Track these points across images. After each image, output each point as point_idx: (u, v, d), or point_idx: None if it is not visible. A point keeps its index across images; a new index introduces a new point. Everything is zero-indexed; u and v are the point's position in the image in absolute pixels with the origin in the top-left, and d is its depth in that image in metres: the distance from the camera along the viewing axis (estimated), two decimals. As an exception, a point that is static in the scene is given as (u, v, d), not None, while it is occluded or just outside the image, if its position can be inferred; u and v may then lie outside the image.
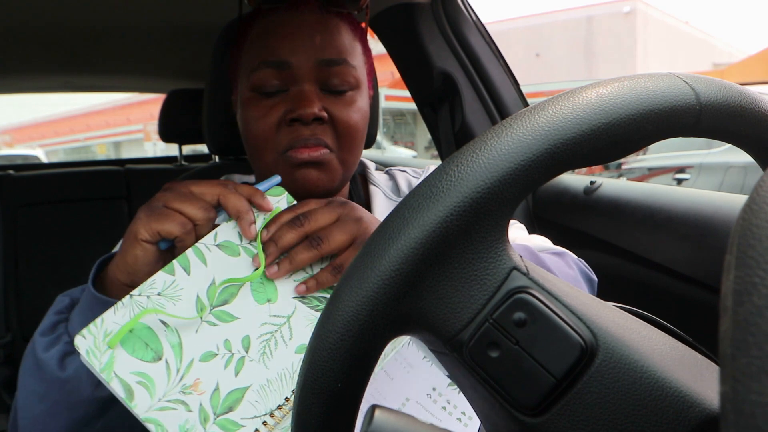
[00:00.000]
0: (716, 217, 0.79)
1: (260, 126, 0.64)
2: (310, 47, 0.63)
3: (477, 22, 1.21)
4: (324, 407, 0.30)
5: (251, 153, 0.67)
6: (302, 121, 0.62)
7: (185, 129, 1.86)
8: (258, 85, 0.64)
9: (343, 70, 0.64)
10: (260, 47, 0.65)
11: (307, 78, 0.63)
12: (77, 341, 0.48)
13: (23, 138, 28.04)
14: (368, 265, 0.28)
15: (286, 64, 0.63)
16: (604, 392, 0.28)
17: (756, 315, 0.16)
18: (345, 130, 0.65)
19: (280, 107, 0.63)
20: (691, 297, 0.81)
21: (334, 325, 0.29)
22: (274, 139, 0.63)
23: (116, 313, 0.50)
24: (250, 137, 0.65)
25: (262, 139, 0.64)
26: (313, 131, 0.63)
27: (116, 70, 1.96)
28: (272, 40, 0.64)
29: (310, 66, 0.63)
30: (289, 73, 0.63)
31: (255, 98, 0.64)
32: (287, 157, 0.63)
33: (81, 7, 1.21)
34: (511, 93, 1.21)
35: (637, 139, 0.29)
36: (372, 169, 0.82)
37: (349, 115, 0.65)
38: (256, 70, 0.64)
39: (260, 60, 0.64)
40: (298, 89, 0.63)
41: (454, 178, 0.28)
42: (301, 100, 0.62)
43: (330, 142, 0.64)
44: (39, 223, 1.84)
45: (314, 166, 0.64)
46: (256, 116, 0.64)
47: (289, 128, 0.63)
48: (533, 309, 0.28)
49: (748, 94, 0.32)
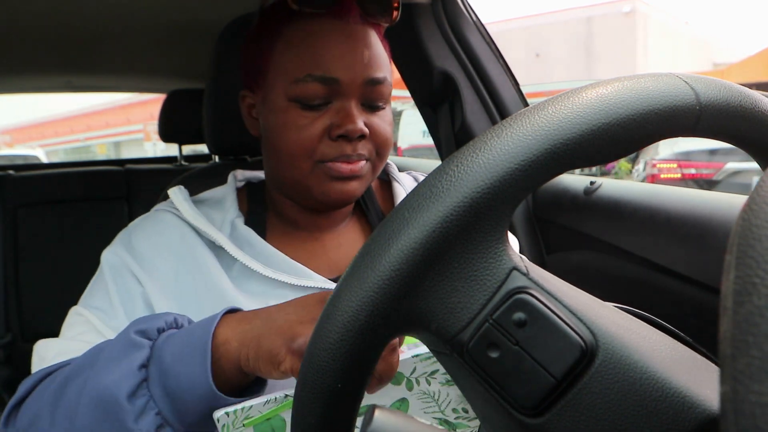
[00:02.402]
0: (716, 217, 0.79)
1: (301, 136, 0.63)
2: (359, 65, 0.63)
3: (477, 22, 1.21)
4: (324, 407, 0.30)
5: (281, 158, 0.65)
6: (348, 138, 0.63)
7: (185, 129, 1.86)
8: (302, 97, 0.63)
9: (385, 89, 0.66)
10: (305, 57, 0.63)
11: (353, 95, 0.63)
12: (218, 415, 0.48)
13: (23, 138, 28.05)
14: (368, 265, 0.28)
15: (334, 80, 0.62)
16: (604, 393, 0.28)
17: (756, 315, 0.16)
18: (382, 143, 0.66)
19: (324, 120, 0.63)
20: (691, 297, 0.81)
21: (334, 325, 0.29)
22: (314, 149, 0.63)
23: (265, 405, 0.50)
24: (287, 145, 0.64)
25: (301, 149, 0.63)
26: (355, 147, 0.63)
27: (117, 70, 1.96)
28: (319, 52, 0.62)
29: (358, 84, 0.63)
30: (335, 89, 0.63)
31: (294, 107, 0.63)
32: (326, 168, 0.63)
33: (81, 8, 1.22)
34: (511, 93, 1.21)
35: (637, 139, 0.29)
36: (396, 170, 0.82)
37: (386, 129, 0.66)
38: (301, 81, 0.62)
39: (307, 72, 0.62)
40: (342, 105, 0.63)
41: (454, 178, 0.28)
42: (347, 116, 0.62)
43: (368, 154, 0.65)
44: (39, 223, 1.84)
45: (353, 178, 0.65)
46: (298, 126, 0.63)
47: (334, 142, 0.63)
48: (533, 309, 0.28)
49: (748, 94, 0.32)
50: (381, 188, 0.82)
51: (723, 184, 5.56)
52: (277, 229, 0.73)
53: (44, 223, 1.84)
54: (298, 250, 0.71)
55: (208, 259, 0.65)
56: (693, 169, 5.79)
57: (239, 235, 0.68)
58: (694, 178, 5.73)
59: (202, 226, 0.66)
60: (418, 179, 0.83)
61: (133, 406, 0.50)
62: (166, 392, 0.51)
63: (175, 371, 0.51)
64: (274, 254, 0.67)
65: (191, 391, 0.51)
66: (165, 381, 0.51)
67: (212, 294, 0.63)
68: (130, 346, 0.52)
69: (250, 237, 0.68)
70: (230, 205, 0.71)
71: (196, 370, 0.51)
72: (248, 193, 0.76)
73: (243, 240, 0.68)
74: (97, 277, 0.68)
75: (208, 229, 0.66)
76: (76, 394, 0.52)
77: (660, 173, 5.96)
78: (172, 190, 0.71)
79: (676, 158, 5.90)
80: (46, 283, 1.81)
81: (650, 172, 6.22)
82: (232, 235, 0.69)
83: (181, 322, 0.57)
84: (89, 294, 0.67)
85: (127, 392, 0.50)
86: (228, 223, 0.69)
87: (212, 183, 0.80)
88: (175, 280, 0.64)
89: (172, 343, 0.53)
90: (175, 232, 0.67)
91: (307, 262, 0.69)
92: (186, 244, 0.66)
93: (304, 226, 0.73)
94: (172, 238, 0.67)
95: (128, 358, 0.52)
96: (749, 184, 5.32)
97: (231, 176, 0.77)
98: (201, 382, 0.50)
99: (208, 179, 0.95)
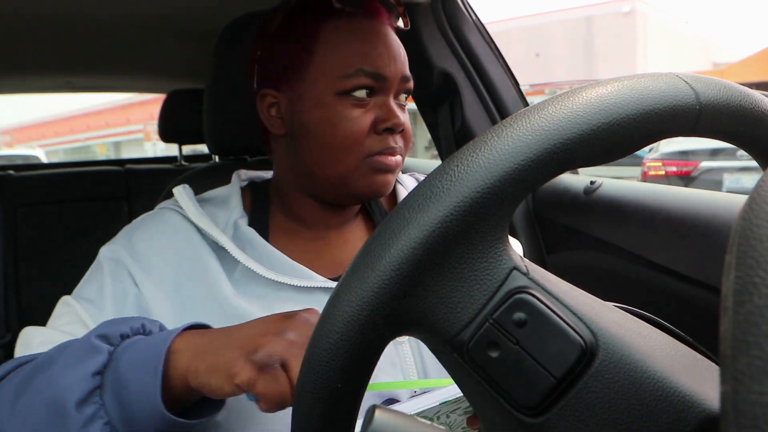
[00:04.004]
0: (716, 217, 0.79)
1: (353, 129, 0.65)
2: (399, 62, 0.67)
3: (477, 22, 1.21)
4: (324, 407, 0.30)
5: (329, 153, 0.66)
6: (392, 131, 0.66)
7: (185, 129, 1.86)
8: (351, 90, 0.65)
9: (411, 85, 0.70)
10: (354, 53, 0.65)
11: (392, 90, 0.67)
12: None
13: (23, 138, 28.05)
14: (368, 265, 0.28)
15: (382, 76, 0.65)
16: (604, 392, 0.28)
17: (756, 315, 0.16)
18: (408, 137, 0.70)
19: (370, 114, 0.65)
20: (691, 297, 0.81)
21: (334, 325, 0.29)
22: (362, 143, 0.65)
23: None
24: (337, 138, 0.65)
25: (352, 141, 0.65)
26: (396, 140, 0.67)
27: (116, 71, 1.96)
28: (369, 48, 0.65)
29: (397, 80, 0.67)
30: (380, 84, 0.66)
31: (342, 102, 0.65)
32: (372, 162, 0.66)
33: (81, 8, 1.21)
34: (511, 93, 1.21)
35: (637, 139, 0.29)
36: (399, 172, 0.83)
37: (409, 124, 0.69)
38: (351, 76, 0.65)
39: (357, 67, 0.65)
40: (383, 99, 0.67)
41: (454, 178, 0.28)
42: (390, 110, 0.66)
43: (401, 150, 0.69)
44: (39, 223, 1.84)
45: (392, 171, 0.68)
46: (349, 118, 0.65)
47: (379, 136, 0.66)
48: (533, 309, 0.28)
49: (748, 94, 0.32)
50: None
51: (698, 180, 6.57)
52: (281, 229, 0.73)
53: (44, 223, 1.84)
54: (303, 250, 0.71)
55: (210, 263, 0.65)
56: (674, 167, 6.77)
57: (242, 235, 0.68)
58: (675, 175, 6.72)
59: (205, 227, 0.66)
60: (419, 180, 0.84)
61: (81, 414, 0.48)
62: (118, 402, 0.49)
63: (128, 380, 0.49)
64: (275, 255, 0.67)
65: (140, 402, 0.49)
66: (118, 390, 0.50)
67: (213, 299, 0.63)
68: (89, 351, 0.51)
69: (252, 238, 0.68)
70: (235, 205, 0.71)
71: (148, 380, 0.49)
72: (252, 193, 0.76)
73: (245, 241, 0.68)
74: (93, 270, 0.67)
75: (211, 230, 0.66)
76: (35, 392, 0.51)
77: (648, 171, 6.96)
78: (177, 189, 0.71)
79: (661, 158, 6.94)
80: (46, 283, 1.81)
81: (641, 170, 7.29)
82: (235, 236, 0.68)
83: (150, 328, 0.56)
84: (82, 285, 0.66)
85: (77, 399, 0.49)
86: (231, 223, 0.69)
87: (213, 183, 0.80)
88: (174, 283, 0.64)
89: (130, 351, 0.51)
90: (179, 233, 0.67)
91: (311, 262, 0.69)
92: (190, 246, 0.66)
93: (312, 224, 0.73)
94: (174, 239, 0.67)
95: (84, 363, 0.50)
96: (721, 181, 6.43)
97: (235, 176, 0.77)
98: (149, 393, 0.49)
99: (209, 179, 0.95)
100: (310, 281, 0.66)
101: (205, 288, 0.64)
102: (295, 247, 0.71)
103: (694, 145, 6.66)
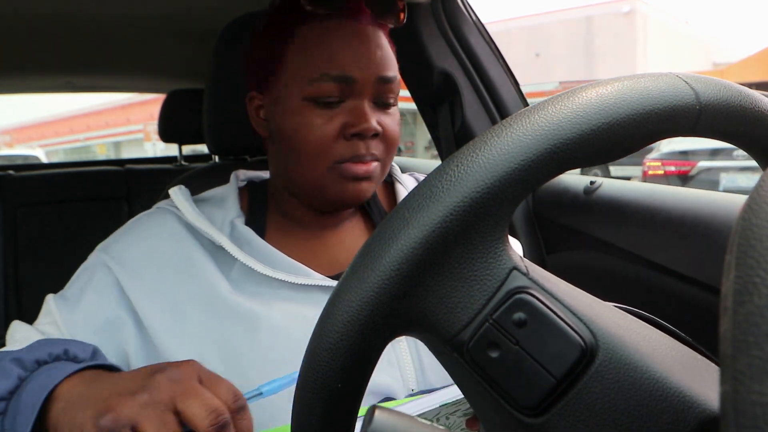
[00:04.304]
0: (716, 217, 0.79)
1: (317, 135, 0.63)
2: (372, 63, 0.64)
3: (477, 22, 1.21)
4: (324, 407, 0.30)
5: (298, 159, 0.66)
6: (361, 136, 0.63)
7: (185, 129, 1.86)
8: (317, 95, 0.63)
9: (394, 87, 0.67)
10: (320, 56, 0.63)
11: (366, 93, 0.64)
12: None
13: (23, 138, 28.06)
14: (368, 265, 0.28)
15: (350, 79, 0.63)
16: (604, 392, 0.28)
17: (756, 315, 0.16)
18: (392, 142, 0.67)
19: (338, 119, 0.63)
20: (691, 297, 0.81)
21: (334, 325, 0.29)
22: (329, 149, 0.63)
23: None
24: (303, 145, 0.64)
25: (318, 148, 0.63)
26: (368, 146, 0.64)
27: (116, 70, 1.96)
28: (335, 51, 0.63)
29: (371, 82, 0.64)
30: (350, 87, 0.63)
31: (309, 107, 0.63)
32: (341, 169, 0.64)
33: (82, 8, 1.21)
34: (511, 93, 1.21)
35: (637, 139, 0.29)
36: (398, 171, 0.82)
37: (395, 128, 0.67)
38: (317, 80, 0.63)
39: (322, 71, 0.63)
40: (356, 103, 0.64)
41: (453, 178, 0.28)
42: (361, 115, 0.63)
43: (379, 154, 0.66)
44: (39, 223, 1.84)
45: (366, 179, 0.65)
46: (313, 124, 0.63)
47: (348, 142, 0.63)
48: (533, 309, 0.28)
49: (748, 94, 0.32)
50: (384, 189, 0.82)
51: (696, 179, 6.88)
52: (278, 229, 0.73)
53: (44, 223, 1.84)
54: (299, 249, 0.71)
55: (204, 263, 0.65)
56: (673, 166, 7.07)
57: (239, 234, 0.68)
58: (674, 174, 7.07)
59: (202, 226, 0.66)
60: (419, 180, 0.83)
61: None
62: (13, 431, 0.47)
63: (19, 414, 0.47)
64: (273, 253, 0.67)
65: None
66: (14, 420, 0.47)
67: (209, 298, 0.63)
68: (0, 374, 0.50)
69: (249, 237, 0.68)
70: (232, 204, 0.71)
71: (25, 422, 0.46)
72: (250, 193, 0.76)
73: (242, 240, 0.68)
74: (81, 270, 0.68)
75: (208, 229, 0.66)
76: None
77: (648, 170, 7.30)
78: (172, 190, 0.71)
79: (660, 158, 7.28)
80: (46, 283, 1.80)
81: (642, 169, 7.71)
82: (232, 235, 0.68)
83: (75, 354, 0.54)
84: (70, 284, 0.67)
85: None
86: (228, 222, 0.69)
87: (212, 183, 0.80)
88: (167, 286, 0.64)
89: (34, 381, 0.49)
90: (171, 234, 0.67)
91: (307, 261, 0.69)
92: (182, 247, 0.66)
93: (308, 224, 0.73)
94: (166, 242, 0.67)
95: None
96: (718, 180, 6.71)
97: (233, 176, 0.77)
98: None
99: (209, 179, 0.95)
100: (307, 279, 0.65)
101: (200, 288, 0.64)
102: (292, 246, 0.71)
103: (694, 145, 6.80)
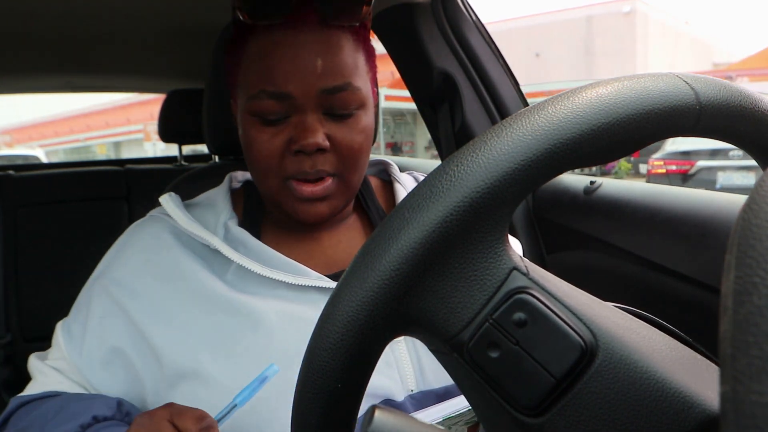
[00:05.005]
0: (716, 217, 0.79)
1: (263, 152, 0.62)
2: (311, 75, 0.60)
3: (477, 22, 1.21)
4: (324, 407, 0.30)
5: (254, 174, 0.66)
6: (305, 152, 0.61)
7: (185, 129, 1.86)
8: (258, 112, 0.62)
9: (346, 96, 0.62)
10: (259, 72, 0.61)
11: (309, 107, 0.61)
12: None
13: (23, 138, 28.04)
14: (368, 265, 0.28)
15: (286, 95, 0.60)
16: (604, 393, 0.28)
17: (756, 315, 0.16)
18: (348, 154, 0.63)
19: (284, 134, 0.62)
20: (691, 297, 0.81)
21: (334, 325, 0.29)
22: (277, 165, 0.62)
23: None
24: (253, 160, 0.64)
25: (267, 164, 0.63)
26: (314, 162, 0.61)
27: (116, 71, 1.96)
28: (271, 67, 0.61)
29: (312, 95, 0.61)
30: (291, 103, 0.61)
31: (255, 123, 0.63)
32: (291, 188, 0.63)
33: (81, 8, 1.21)
34: (511, 93, 1.21)
35: (637, 138, 0.29)
36: (397, 171, 0.80)
37: (353, 139, 0.63)
38: (255, 98, 0.61)
39: (260, 88, 0.61)
40: (299, 118, 0.61)
41: (453, 178, 0.28)
42: (304, 130, 0.60)
43: (333, 169, 0.63)
44: (39, 223, 1.84)
45: (319, 200, 0.63)
46: (259, 141, 0.62)
47: (293, 158, 0.62)
48: (533, 309, 0.28)
49: (748, 94, 0.32)
50: (383, 188, 0.81)
51: (695, 178, 7.22)
52: (273, 229, 0.72)
53: (44, 223, 1.84)
54: (295, 250, 0.70)
55: (199, 269, 0.65)
56: (674, 165, 7.44)
57: (233, 236, 0.67)
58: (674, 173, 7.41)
59: (195, 231, 0.66)
60: (418, 179, 0.82)
61: None
62: None
63: None
64: (268, 253, 0.66)
65: None
66: None
67: (206, 305, 0.63)
68: None
69: (244, 238, 0.67)
70: (222, 206, 0.70)
71: None
72: (246, 194, 0.75)
73: (237, 241, 0.67)
74: (82, 296, 0.69)
75: (201, 233, 0.66)
76: None
77: (652, 169, 7.71)
78: (163, 198, 0.70)
79: (663, 157, 7.64)
80: (46, 283, 1.81)
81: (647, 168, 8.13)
82: (226, 237, 0.68)
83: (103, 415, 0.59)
84: (72, 313, 0.69)
85: None
86: (221, 224, 0.69)
87: (212, 183, 0.80)
88: (163, 300, 0.64)
89: None
90: (164, 246, 0.67)
91: (304, 261, 0.68)
92: (176, 257, 0.66)
93: (304, 226, 0.72)
94: (159, 256, 0.66)
95: None
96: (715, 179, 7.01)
97: (227, 177, 0.77)
98: None
99: (208, 179, 0.95)
100: (304, 278, 0.65)
101: (198, 295, 0.63)
102: (288, 246, 0.70)
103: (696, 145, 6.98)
